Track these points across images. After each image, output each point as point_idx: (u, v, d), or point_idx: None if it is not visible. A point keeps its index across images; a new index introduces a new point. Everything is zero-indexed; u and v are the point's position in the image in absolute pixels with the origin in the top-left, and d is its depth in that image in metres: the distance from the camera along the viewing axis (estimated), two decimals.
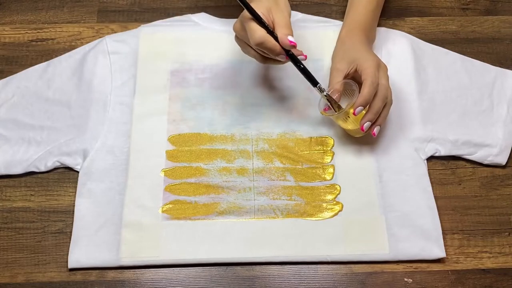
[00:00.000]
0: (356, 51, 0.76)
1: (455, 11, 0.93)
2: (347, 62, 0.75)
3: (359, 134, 0.76)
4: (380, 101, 0.72)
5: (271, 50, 0.69)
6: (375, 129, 0.74)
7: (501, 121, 0.80)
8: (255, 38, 0.68)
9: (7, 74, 0.84)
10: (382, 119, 0.74)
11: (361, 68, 0.73)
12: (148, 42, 0.86)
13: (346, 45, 0.78)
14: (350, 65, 0.75)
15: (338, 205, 0.74)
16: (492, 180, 0.78)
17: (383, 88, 0.72)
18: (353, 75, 0.75)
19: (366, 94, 0.71)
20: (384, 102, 0.73)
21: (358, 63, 0.74)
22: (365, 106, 0.71)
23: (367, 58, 0.74)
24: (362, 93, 0.71)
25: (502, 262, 0.72)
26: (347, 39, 0.79)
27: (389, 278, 0.71)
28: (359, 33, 0.79)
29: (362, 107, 0.71)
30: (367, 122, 0.72)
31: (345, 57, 0.76)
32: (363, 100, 0.71)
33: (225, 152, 0.78)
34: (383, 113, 0.73)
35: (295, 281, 0.70)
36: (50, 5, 0.93)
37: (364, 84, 0.71)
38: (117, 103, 0.81)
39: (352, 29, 0.80)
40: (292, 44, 0.68)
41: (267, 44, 0.68)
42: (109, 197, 0.74)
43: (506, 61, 0.87)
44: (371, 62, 0.73)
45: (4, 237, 0.73)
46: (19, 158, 0.77)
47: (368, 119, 0.72)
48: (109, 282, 0.70)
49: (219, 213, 0.74)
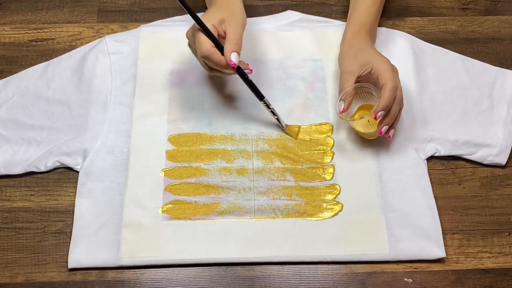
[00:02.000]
0: (368, 53, 0.76)
1: (455, 11, 0.93)
2: (359, 65, 0.74)
3: (374, 137, 0.76)
4: (397, 104, 0.72)
5: (217, 64, 0.70)
6: (391, 132, 0.74)
7: (501, 121, 0.80)
8: (201, 51, 0.69)
9: (7, 74, 0.84)
10: (397, 122, 0.74)
11: (378, 72, 0.72)
12: (148, 42, 0.86)
13: (355, 47, 0.77)
14: (363, 67, 0.74)
15: (338, 205, 0.74)
16: (492, 180, 0.78)
17: (399, 92, 0.72)
18: (366, 77, 0.75)
19: (388, 99, 0.70)
20: (401, 105, 0.73)
21: (373, 65, 0.73)
22: (386, 111, 0.71)
23: (382, 61, 0.74)
24: (384, 97, 0.70)
25: (502, 262, 0.72)
26: (354, 41, 0.78)
27: (389, 278, 0.71)
28: (365, 35, 0.79)
29: (383, 111, 0.71)
30: (386, 125, 0.72)
31: (356, 59, 0.75)
32: (385, 105, 0.70)
33: (225, 152, 0.78)
34: (398, 116, 0.74)
35: (295, 281, 0.70)
36: (50, 5, 0.93)
37: (385, 88, 0.71)
38: (117, 103, 0.81)
39: (357, 30, 0.79)
40: (232, 64, 0.69)
41: (212, 58, 0.69)
42: (109, 197, 0.74)
43: (506, 61, 0.87)
44: (387, 65, 0.73)
45: (4, 237, 0.73)
46: (19, 158, 0.77)
47: (386, 123, 0.72)
48: (109, 282, 0.70)
49: (219, 213, 0.74)
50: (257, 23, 0.88)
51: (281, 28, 0.88)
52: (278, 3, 0.93)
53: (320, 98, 0.82)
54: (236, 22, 0.71)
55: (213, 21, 0.70)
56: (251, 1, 0.93)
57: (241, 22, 0.72)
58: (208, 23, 0.70)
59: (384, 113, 0.71)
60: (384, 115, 0.71)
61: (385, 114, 0.72)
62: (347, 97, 0.74)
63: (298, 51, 0.86)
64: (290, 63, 0.85)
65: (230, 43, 0.70)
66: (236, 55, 0.69)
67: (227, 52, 0.69)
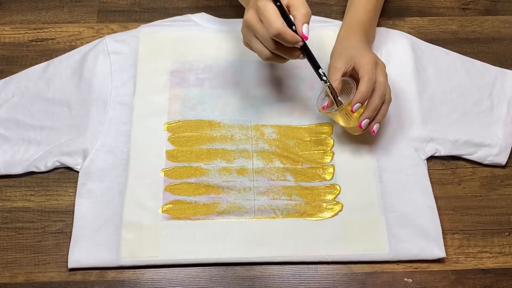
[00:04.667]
0: (354, 49, 0.76)
1: (455, 11, 0.93)
2: (345, 61, 0.75)
3: (358, 132, 0.76)
4: (377, 98, 0.72)
5: (290, 42, 0.65)
6: (375, 126, 0.73)
7: (501, 121, 0.80)
8: (274, 28, 0.63)
9: (7, 74, 0.84)
10: (381, 117, 0.73)
11: (358, 66, 0.72)
12: (148, 42, 0.86)
13: (344, 44, 0.78)
14: (348, 63, 0.74)
15: (338, 205, 0.74)
16: (492, 180, 0.78)
17: (381, 85, 0.72)
18: (351, 73, 0.75)
19: (364, 91, 0.70)
20: (382, 99, 0.72)
21: (355, 60, 0.73)
22: (363, 103, 0.71)
23: (364, 55, 0.74)
24: (360, 89, 0.70)
25: (502, 262, 0.72)
26: (345, 38, 0.79)
27: (389, 278, 0.71)
28: (358, 32, 0.79)
29: (359, 103, 0.71)
30: (365, 119, 0.72)
31: (342, 55, 0.76)
32: (361, 97, 0.70)
33: (225, 152, 0.78)
34: (381, 110, 0.73)
35: (295, 281, 0.70)
36: (50, 5, 0.93)
37: (361, 80, 0.71)
38: (117, 103, 0.81)
39: (350, 28, 0.79)
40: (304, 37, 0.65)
41: (284, 36, 0.64)
42: (109, 197, 0.74)
43: (506, 61, 0.87)
44: (368, 59, 0.73)
45: (4, 237, 0.73)
46: (19, 158, 0.77)
47: (365, 116, 0.72)
48: (109, 282, 0.70)
49: (219, 213, 0.74)
50: None
51: None
52: None
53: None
54: None
55: None
56: None
57: None
58: None
59: (360, 105, 0.71)
60: (365, 108, 0.71)
61: (366, 108, 0.71)
62: None
63: None
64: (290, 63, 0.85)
65: (300, 13, 0.64)
66: (307, 27, 0.65)
67: (299, 24, 0.64)
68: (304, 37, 0.65)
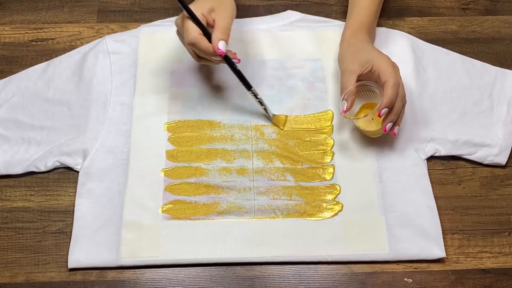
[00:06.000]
0: (367, 51, 0.76)
1: (455, 11, 0.93)
2: (359, 63, 0.74)
3: (378, 134, 0.76)
4: (400, 101, 0.72)
5: (204, 51, 0.70)
6: (396, 128, 0.74)
7: (501, 121, 0.80)
8: (189, 38, 0.69)
9: (7, 74, 0.84)
10: (400, 119, 0.74)
11: (379, 69, 0.72)
12: (148, 42, 0.86)
13: (354, 46, 0.77)
14: (364, 66, 0.74)
15: (338, 205, 0.74)
16: (492, 180, 0.78)
17: (401, 88, 0.72)
18: (367, 75, 0.75)
19: (391, 95, 0.70)
20: (404, 102, 0.73)
21: (373, 63, 0.73)
22: (390, 107, 0.71)
23: (383, 58, 0.74)
24: (387, 94, 0.70)
25: (502, 262, 0.72)
26: (353, 40, 0.78)
27: (389, 278, 0.71)
28: (364, 34, 0.79)
29: (387, 108, 0.71)
30: (390, 123, 0.72)
31: (356, 58, 0.75)
32: (389, 102, 0.70)
33: (225, 152, 0.78)
34: (401, 112, 0.74)
35: (295, 281, 0.70)
36: (50, 5, 0.93)
37: (386, 85, 0.71)
38: (117, 103, 0.81)
39: (356, 30, 0.79)
40: (219, 52, 0.69)
41: (199, 45, 0.69)
42: (109, 197, 0.74)
43: (506, 61, 0.87)
44: (388, 62, 0.73)
45: (4, 237, 0.73)
46: (19, 158, 0.77)
47: (390, 119, 0.72)
48: (109, 282, 0.70)
49: (219, 213, 0.74)
50: (257, 23, 0.88)
51: (281, 28, 0.88)
52: (278, 3, 0.93)
53: (320, 98, 0.82)
54: (225, 11, 0.72)
55: (202, 10, 0.71)
56: (251, 1, 0.93)
57: (230, 12, 0.73)
58: (197, 11, 0.70)
59: (387, 110, 0.71)
60: (387, 112, 0.72)
61: (388, 111, 0.72)
62: (350, 96, 0.74)
63: (298, 51, 0.86)
64: (290, 63, 0.85)
65: (218, 31, 0.70)
66: (224, 43, 0.70)
67: (215, 40, 0.70)
68: (219, 52, 0.69)
